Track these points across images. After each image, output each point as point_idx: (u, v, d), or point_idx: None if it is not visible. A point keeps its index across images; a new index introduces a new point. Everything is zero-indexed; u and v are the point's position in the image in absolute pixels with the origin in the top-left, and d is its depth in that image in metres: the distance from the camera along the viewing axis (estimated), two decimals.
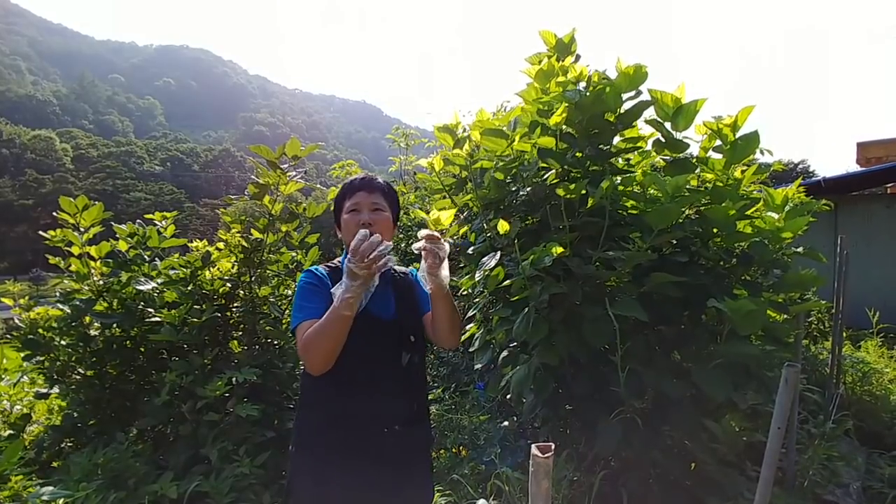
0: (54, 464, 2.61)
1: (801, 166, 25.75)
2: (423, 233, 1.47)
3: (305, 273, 1.57)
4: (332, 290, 1.42)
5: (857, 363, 4.33)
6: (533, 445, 0.92)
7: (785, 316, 2.09)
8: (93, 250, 2.81)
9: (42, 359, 2.71)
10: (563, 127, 2.08)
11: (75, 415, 2.71)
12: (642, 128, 2.18)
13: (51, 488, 2.05)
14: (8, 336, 2.79)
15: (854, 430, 3.35)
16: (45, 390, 2.81)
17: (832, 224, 7.23)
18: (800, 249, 2.21)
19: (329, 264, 1.66)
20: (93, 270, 2.80)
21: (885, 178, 7.25)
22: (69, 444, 2.71)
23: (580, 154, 2.09)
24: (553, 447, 0.91)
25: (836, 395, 3.55)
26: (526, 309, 1.96)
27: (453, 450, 2.99)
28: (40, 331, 2.71)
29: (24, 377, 3.24)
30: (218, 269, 2.89)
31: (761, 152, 2.10)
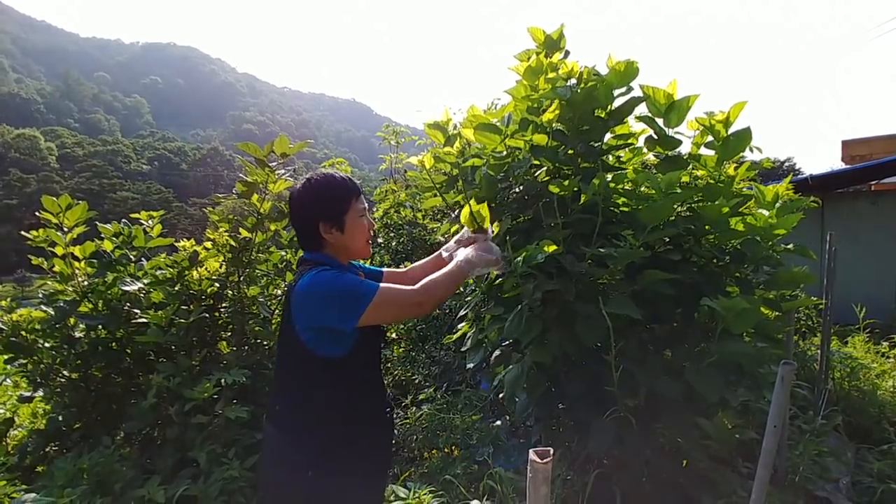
0: (38, 469, 2.56)
1: (787, 164, 26.04)
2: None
3: (341, 273, 1.41)
4: (457, 253, 1.66)
5: (844, 359, 4.37)
6: (531, 451, 0.90)
7: (776, 313, 2.09)
8: (77, 250, 2.76)
9: (25, 362, 2.66)
10: (555, 124, 2.07)
11: (60, 419, 2.66)
12: (633, 125, 2.17)
13: (34, 495, 2.02)
14: None
15: (843, 425, 3.37)
16: (28, 394, 2.76)
17: (819, 221, 7.30)
18: (790, 246, 2.22)
19: (325, 268, 1.42)
20: (77, 271, 2.75)
21: (871, 175, 7.34)
22: (53, 449, 2.66)
23: (572, 151, 2.08)
24: (552, 452, 0.89)
25: (824, 390, 3.57)
26: (518, 307, 1.95)
27: (445, 450, 2.97)
28: (23, 333, 2.65)
29: (7, 380, 3.18)
30: (206, 268, 2.84)
31: (750, 150, 2.10)
